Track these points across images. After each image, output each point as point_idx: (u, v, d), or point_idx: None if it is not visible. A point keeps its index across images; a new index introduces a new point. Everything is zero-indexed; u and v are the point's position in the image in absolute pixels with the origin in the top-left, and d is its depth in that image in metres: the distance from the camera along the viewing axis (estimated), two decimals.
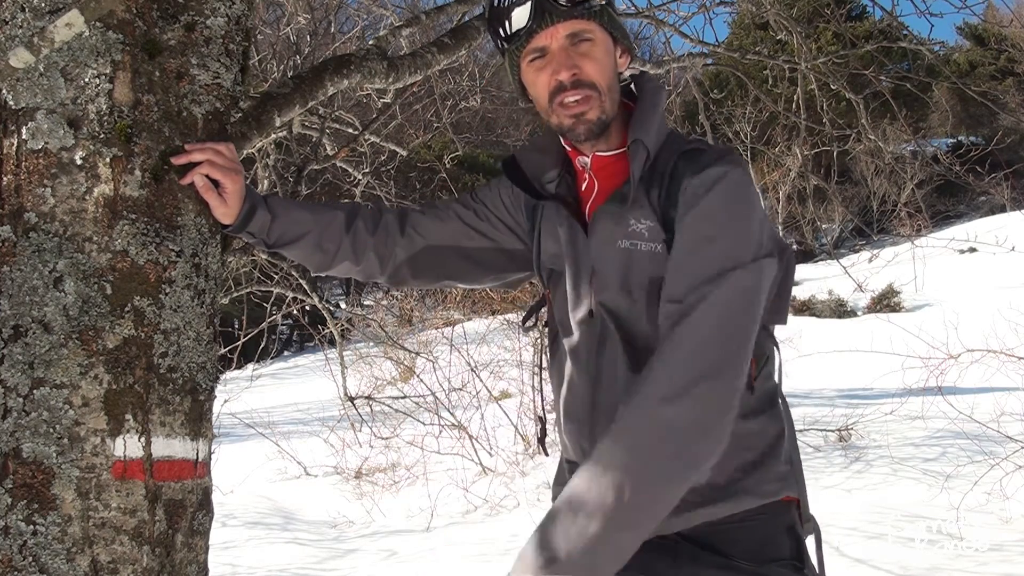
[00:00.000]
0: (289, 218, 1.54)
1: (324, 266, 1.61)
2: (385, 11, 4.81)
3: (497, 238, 1.61)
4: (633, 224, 1.35)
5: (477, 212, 1.61)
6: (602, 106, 1.37)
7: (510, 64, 1.43)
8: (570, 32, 1.35)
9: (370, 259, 1.60)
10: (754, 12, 5.33)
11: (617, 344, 1.36)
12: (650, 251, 1.34)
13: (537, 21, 1.34)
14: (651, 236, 1.34)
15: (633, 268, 1.35)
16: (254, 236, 1.53)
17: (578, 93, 1.35)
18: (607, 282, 1.38)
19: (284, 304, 5.45)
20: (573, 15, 1.34)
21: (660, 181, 1.35)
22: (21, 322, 1.26)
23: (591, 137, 1.39)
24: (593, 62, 1.36)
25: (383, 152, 5.71)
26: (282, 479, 6.67)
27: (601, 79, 1.36)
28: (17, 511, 1.23)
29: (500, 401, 6.96)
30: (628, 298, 1.35)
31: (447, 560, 4.65)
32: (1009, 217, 12.69)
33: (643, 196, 1.35)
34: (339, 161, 3.75)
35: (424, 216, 1.62)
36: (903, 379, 5.40)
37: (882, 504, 4.46)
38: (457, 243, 1.61)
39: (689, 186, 1.30)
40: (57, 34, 1.07)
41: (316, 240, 1.56)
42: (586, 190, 1.46)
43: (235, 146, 1.50)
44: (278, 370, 13.14)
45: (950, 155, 9.36)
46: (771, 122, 12.66)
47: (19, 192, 1.30)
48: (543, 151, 1.51)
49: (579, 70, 1.35)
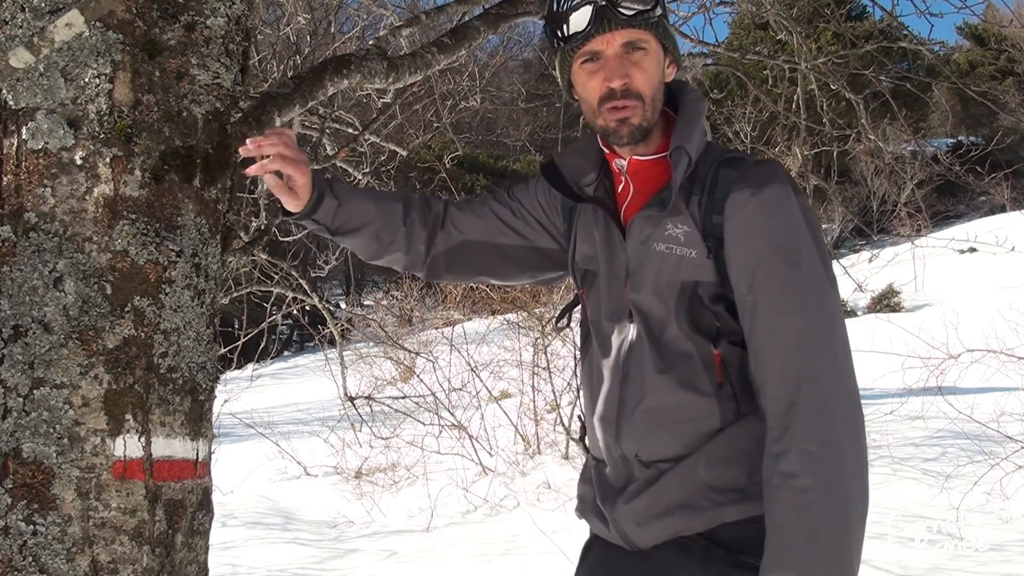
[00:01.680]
0: (354, 206, 1.57)
1: (377, 255, 1.64)
2: (385, 11, 4.81)
3: (532, 237, 1.63)
4: (670, 229, 1.38)
5: (513, 210, 1.63)
6: (644, 114, 1.40)
7: (561, 62, 1.46)
8: (626, 40, 1.38)
9: (418, 251, 1.63)
10: (754, 12, 5.33)
11: (645, 345, 1.38)
12: (685, 255, 1.37)
13: (596, 26, 1.37)
14: (687, 241, 1.37)
15: (667, 271, 1.38)
16: (318, 223, 1.55)
17: (623, 102, 1.38)
18: (641, 284, 1.40)
19: (284, 304, 5.45)
20: (632, 24, 1.37)
21: (700, 188, 1.38)
22: (21, 322, 1.26)
23: (632, 141, 1.41)
24: (643, 72, 1.39)
25: (383, 152, 5.71)
26: (282, 479, 6.67)
27: (647, 89, 1.39)
28: (17, 511, 1.23)
29: (500, 401, 6.96)
30: (660, 300, 1.38)
31: (447, 560, 4.65)
32: (1009, 217, 12.69)
33: (682, 203, 1.38)
34: (339, 161, 3.75)
35: (462, 212, 1.65)
36: (903, 379, 5.40)
37: (882, 504, 4.45)
38: (492, 239, 1.64)
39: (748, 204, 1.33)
40: (57, 34, 1.07)
41: (376, 230, 1.59)
42: (622, 193, 1.49)
43: (235, 146, 1.50)
44: (278, 370, 13.14)
45: (950, 155, 9.36)
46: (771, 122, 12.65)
47: (19, 192, 1.30)
48: (582, 155, 1.54)
49: (630, 79, 1.38)
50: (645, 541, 1.38)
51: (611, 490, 1.43)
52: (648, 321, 1.39)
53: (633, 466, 1.40)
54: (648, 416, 1.37)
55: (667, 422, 1.36)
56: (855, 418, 1.26)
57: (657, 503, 1.36)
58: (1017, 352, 4.83)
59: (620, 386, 1.41)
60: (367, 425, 6.50)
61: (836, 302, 1.32)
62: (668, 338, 1.37)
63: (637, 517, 1.38)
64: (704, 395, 1.35)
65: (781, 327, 1.29)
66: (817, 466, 1.23)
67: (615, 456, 1.43)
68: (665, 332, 1.37)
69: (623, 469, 1.42)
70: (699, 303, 1.36)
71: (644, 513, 1.37)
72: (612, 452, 1.43)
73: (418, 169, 12.75)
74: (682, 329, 1.36)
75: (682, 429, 1.35)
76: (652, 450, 1.38)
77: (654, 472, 1.37)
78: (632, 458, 1.40)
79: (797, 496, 1.22)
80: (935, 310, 9.21)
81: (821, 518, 1.21)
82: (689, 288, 1.36)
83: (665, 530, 1.36)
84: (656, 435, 1.37)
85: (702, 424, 1.35)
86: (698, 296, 1.36)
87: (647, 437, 1.38)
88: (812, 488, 1.22)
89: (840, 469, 1.23)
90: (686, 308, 1.36)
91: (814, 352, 1.27)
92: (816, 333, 1.28)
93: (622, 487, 1.41)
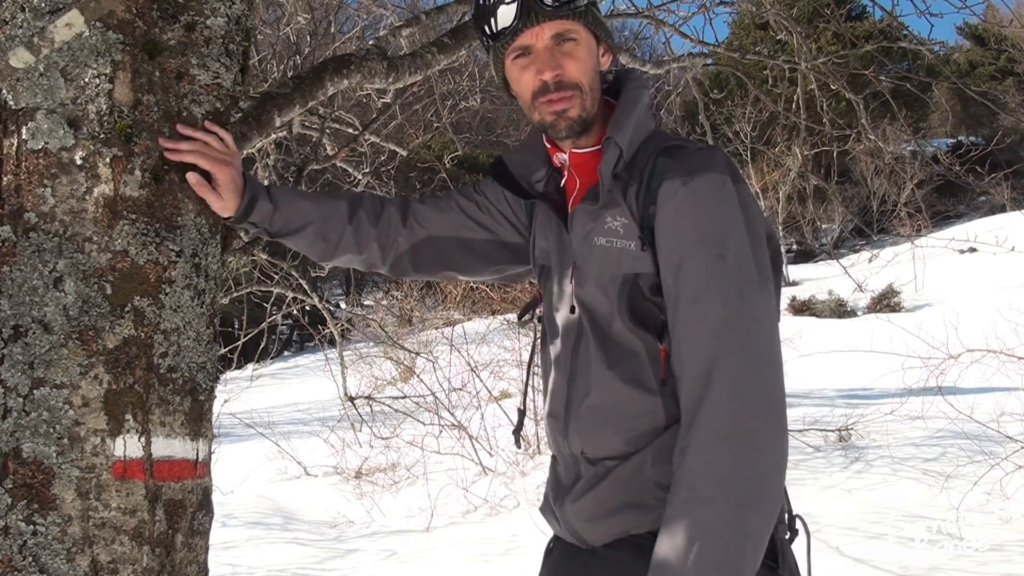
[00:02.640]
0: (292, 207, 1.55)
1: (327, 255, 1.63)
2: (385, 11, 4.82)
3: (498, 231, 1.62)
4: (609, 222, 1.36)
5: (479, 204, 1.62)
6: (583, 104, 1.38)
7: (494, 60, 1.44)
8: (555, 32, 1.36)
9: (372, 249, 1.62)
10: (754, 12, 5.33)
11: (591, 340, 1.36)
12: (625, 248, 1.34)
13: (523, 20, 1.35)
14: (626, 234, 1.34)
15: (608, 265, 1.35)
16: (256, 226, 1.53)
17: (559, 94, 1.36)
18: (584, 278, 1.39)
19: (284, 304, 5.45)
20: (559, 15, 1.35)
21: (639, 178, 1.36)
22: (21, 322, 1.26)
23: (572, 134, 1.40)
24: (576, 62, 1.37)
25: (383, 152, 5.71)
26: (282, 479, 6.67)
27: (583, 78, 1.37)
28: (17, 511, 1.23)
29: (500, 401, 6.95)
30: (603, 295, 1.36)
31: (447, 560, 4.65)
32: (1009, 217, 12.68)
33: (619, 194, 1.36)
34: (339, 161, 3.75)
35: (426, 206, 1.63)
36: (903, 379, 5.40)
37: (882, 504, 4.46)
38: (458, 234, 1.62)
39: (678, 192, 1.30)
40: (57, 34, 1.07)
41: (319, 230, 1.58)
42: (568, 186, 1.47)
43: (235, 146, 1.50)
44: (278, 370, 13.14)
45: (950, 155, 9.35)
46: (771, 122, 12.66)
47: (19, 192, 1.30)
48: (531, 150, 1.53)
49: (562, 70, 1.36)
50: (596, 539, 1.36)
51: (561, 488, 1.42)
52: (593, 316, 1.37)
53: (580, 463, 1.38)
54: (593, 412, 1.35)
55: (611, 418, 1.34)
56: (766, 417, 1.21)
57: (604, 502, 1.34)
58: (1017, 352, 4.83)
59: (568, 382, 1.40)
60: (367, 425, 6.50)
61: (763, 299, 1.27)
62: (614, 333, 1.35)
63: (585, 515, 1.36)
64: (648, 392, 1.32)
65: (699, 321, 1.25)
66: (712, 465, 1.18)
67: (564, 453, 1.42)
68: (611, 327, 1.35)
69: (572, 466, 1.40)
70: (640, 295, 1.33)
71: (592, 512, 1.35)
72: (562, 449, 1.42)
73: (418, 169, 12.75)
74: (625, 323, 1.33)
75: (626, 426, 1.33)
76: (597, 447, 1.36)
77: (601, 470, 1.35)
78: (579, 455, 1.38)
79: (690, 494, 1.19)
80: (935, 310, 9.22)
81: (710, 519, 1.17)
82: (630, 281, 1.33)
83: (613, 528, 1.34)
84: (600, 432, 1.35)
85: (646, 421, 1.32)
86: (638, 288, 1.33)
87: (592, 434, 1.36)
88: (703, 487, 1.18)
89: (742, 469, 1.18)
90: (627, 301, 1.33)
91: (729, 348, 1.22)
92: (733, 329, 1.23)
93: (571, 484, 1.40)
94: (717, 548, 1.16)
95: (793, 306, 10.78)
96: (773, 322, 1.29)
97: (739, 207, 1.29)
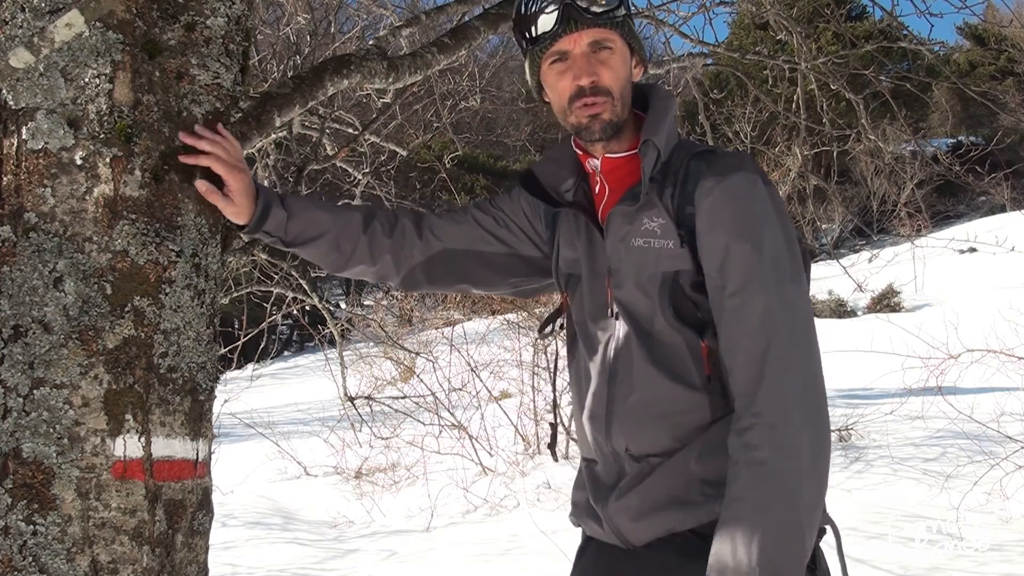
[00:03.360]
0: (307, 216, 1.56)
1: (340, 266, 1.63)
2: (385, 11, 4.81)
3: (515, 244, 1.64)
4: (646, 223, 1.40)
5: (496, 218, 1.64)
6: (615, 109, 1.42)
7: (531, 64, 1.48)
8: (593, 40, 1.40)
9: (386, 261, 1.62)
10: (754, 12, 5.33)
11: (633, 340, 1.39)
12: (663, 247, 1.38)
13: (563, 26, 1.40)
14: (663, 233, 1.38)
15: (647, 265, 1.39)
16: (271, 235, 1.54)
17: (592, 99, 1.40)
18: (623, 280, 1.41)
19: (284, 304, 5.45)
20: (598, 23, 1.40)
21: (673, 181, 1.40)
22: (21, 322, 1.26)
23: (604, 137, 1.43)
24: (611, 70, 1.41)
25: (383, 152, 5.72)
26: (282, 479, 6.67)
27: (615, 85, 1.42)
28: (17, 511, 1.23)
29: (500, 401, 6.95)
30: (643, 295, 1.39)
31: (447, 560, 4.65)
32: (1009, 217, 12.67)
33: (655, 196, 1.40)
34: (339, 161, 3.75)
35: (442, 220, 1.65)
36: (903, 379, 5.40)
37: (882, 504, 4.46)
38: (474, 247, 1.64)
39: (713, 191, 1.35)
40: (57, 34, 1.07)
41: (334, 240, 1.58)
42: (599, 194, 1.50)
43: None
44: (278, 370, 13.14)
45: (950, 155, 9.36)
46: (771, 122, 12.65)
47: (19, 192, 1.30)
48: (558, 162, 1.56)
49: (598, 77, 1.40)
50: (639, 538, 1.38)
51: (603, 488, 1.43)
52: (634, 317, 1.40)
53: (624, 461, 1.40)
54: (637, 409, 1.38)
55: (657, 415, 1.37)
56: (815, 402, 1.27)
57: (650, 498, 1.36)
58: (1017, 352, 4.82)
59: (608, 383, 1.42)
60: (367, 425, 6.50)
61: (798, 291, 1.33)
62: (656, 332, 1.38)
63: (630, 512, 1.38)
64: (694, 388, 1.35)
65: (744, 310, 1.30)
66: (776, 441, 1.24)
67: (605, 452, 1.43)
68: (653, 326, 1.38)
69: (614, 465, 1.42)
70: (681, 293, 1.37)
71: (637, 508, 1.37)
72: (603, 448, 1.43)
73: (418, 169, 12.75)
74: (668, 321, 1.37)
75: (672, 422, 1.36)
76: (642, 444, 1.38)
77: (645, 466, 1.37)
78: (623, 453, 1.40)
79: (755, 468, 1.24)
80: (935, 310, 9.21)
81: (775, 492, 1.23)
82: (670, 278, 1.37)
83: (659, 526, 1.36)
84: (646, 428, 1.37)
85: (693, 417, 1.35)
86: (679, 286, 1.37)
87: (637, 430, 1.38)
88: (769, 460, 1.23)
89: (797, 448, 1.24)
90: (669, 299, 1.37)
91: (774, 335, 1.28)
92: (780, 315, 1.29)
93: (614, 483, 1.41)
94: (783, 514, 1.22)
95: None
96: (810, 311, 1.35)
97: (771, 205, 1.35)
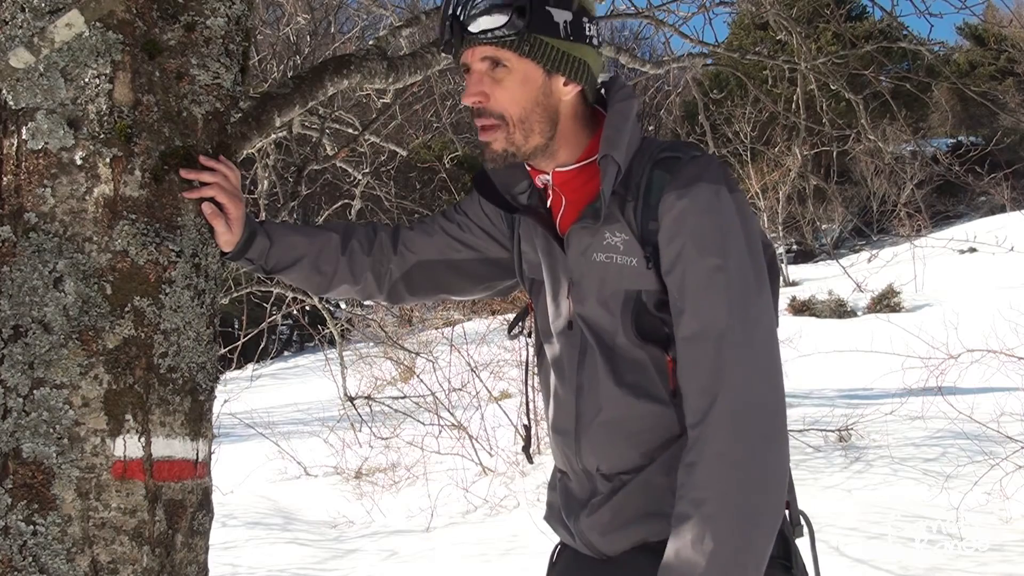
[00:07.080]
0: (285, 242, 1.56)
1: (323, 288, 1.63)
2: (385, 11, 4.81)
3: (481, 248, 1.61)
4: (608, 237, 1.34)
5: (460, 224, 1.61)
6: (510, 138, 1.34)
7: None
8: (484, 56, 1.32)
9: (367, 279, 1.62)
10: (754, 12, 5.33)
11: (597, 356, 1.36)
12: (626, 264, 1.33)
13: (453, 40, 1.34)
14: (626, 250, 1.33)
15: (609, 281, 1.35)
16: (252, 262, 1.54)
17: (483, 121, 1.34)
18: (585, 294, 1.37)
19: (284, 304, 5.45)
20: (479, 41, 1.31)
21: (635, 193, 1.34)
22: (21, 322, 1.26)
23: (499, 166, 1.38)
24: (505, 92, 1.32)
25: (383, 152, 5.72)
26: (282, 479, 6.67)
27: (512, 109, 1.33)
28: (17, 511, 1.23)
29: (500, 401, 6.95)
30: (606, 311, 1.35)
31: (447, 560, 4.65)
32: (1009, 217, 12.69)
33: (616, 210, 1.34)
34: (339, 161, 3.75)
35: (413, 232, 1.64)
36: (903, 379, 5.40)
37: (882, 504, 4.46)
38: (445, 256, 1.62)
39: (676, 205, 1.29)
40: (57, 34, 1.07)
41: (313, 263, 1.58)
42: (554, 202, 1.45)
43: (235, 146, 1.50)
44: (278, 370, 13.13)
45: (950, 155, 9.37)
46: (771, 122, 12.66)
47: (19, 192, 1.30)
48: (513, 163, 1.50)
49: (486, 98, 1.33)
50: (613, 549, 1.37)
51: (575, 503, 1.42)
52: (596, 331, 1.36)
53: (596, 480, 1.38)
54: (607, 428, 1.35)
55: (626, 433, 1.34)
56: (770, 429, 1.22)
57: (621, 514, 1.34)
58: (1017, 352, 4.83)
59: (576, 398, 1.39)
60: (367, 425, 6.50)
61: (763, 306, 1.27)
62: (619, 347, 1.34)
63: (601, 528, 1.36)
64: (660, 403, 1.32)
65: (702, 332, 1.25)
66: (719, 482, 1.19)
67: (576, 470, 1.41)
68: (615, 342, 1.34)
69: (586, 483, 1.40)
70: (645, 311, 1.33)
71: (609, 523, 1.35)
72: (574, 466, 1.41)
73: (418, 169, 12.75)
74: (630, 338, 1.33)
75: (640, 439, 1.33)
76: (613, 462, 1.36)
77: (616, 484, 1.35)
78: (594, 472, 1.38)
79: (696, 508, 1.20)
80: (935, 310, 9.22)
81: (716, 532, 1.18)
82: (633, 297, 1.33)
83: (631, 538, 1.34)
84: (616, 447, 1.35)
85: (660, 433, 1.33)
86: (643, 304, 1.32)
87: (608, 450, 1.36)
88: (710, 501, 1.19)
89: (745, 485, 1.19)
90: (632, 317, 1.33)
91: (731, 360, 1.22)
92: (736, 339, 1.23)
93: (586, 500, 1.39)
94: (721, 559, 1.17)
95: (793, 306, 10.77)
96: (772, 328, 1.29)
97: (736, 215, 1.29)
